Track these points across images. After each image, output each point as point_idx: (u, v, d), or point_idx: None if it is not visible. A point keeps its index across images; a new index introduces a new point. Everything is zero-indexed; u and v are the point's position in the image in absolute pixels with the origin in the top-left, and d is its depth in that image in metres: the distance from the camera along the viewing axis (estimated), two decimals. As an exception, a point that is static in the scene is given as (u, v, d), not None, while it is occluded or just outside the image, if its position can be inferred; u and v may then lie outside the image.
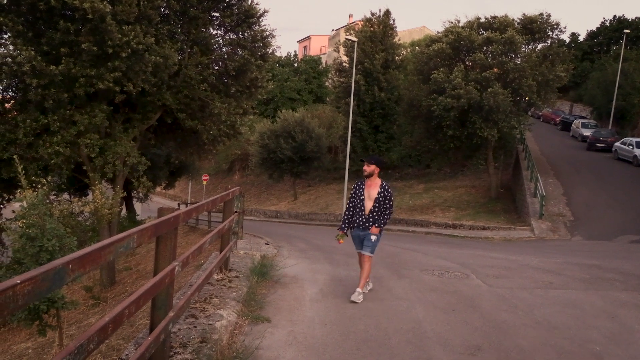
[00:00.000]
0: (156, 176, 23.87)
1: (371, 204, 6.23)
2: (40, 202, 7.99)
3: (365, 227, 6.26)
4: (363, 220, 6.26)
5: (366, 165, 6.29)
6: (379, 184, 6.30)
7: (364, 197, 6.28)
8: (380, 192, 6.23)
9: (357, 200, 6.34)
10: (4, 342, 11.76)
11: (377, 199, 6.22)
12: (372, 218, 6.24)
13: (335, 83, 28.79)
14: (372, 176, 6.27)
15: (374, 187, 6.29)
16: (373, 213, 6.23)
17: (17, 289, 1.65)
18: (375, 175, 6.29)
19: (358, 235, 6.38)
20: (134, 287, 13.35)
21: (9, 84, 14.13)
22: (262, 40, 16.26)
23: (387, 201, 6.26)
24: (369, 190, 6.29)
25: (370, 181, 6.31)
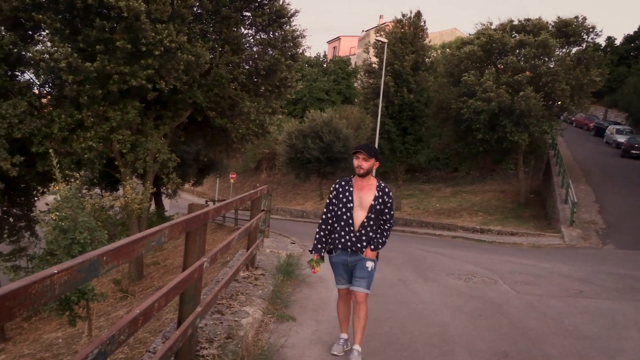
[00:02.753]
0: (185, 173, 24.17)
1: (364, 215, 4.22)
2: (74, 196, 8.18)
3: (355, 249, 4.24)
4: (352, 240, 4.23)
5: (363, 157, 4.21)
6: (374, 185, 4.27)
7: (352, 205, 4.24)
8: (378, 198, 4.22)
9: (341, 210, 4.28)
10: (35, 331, 12.08)
11: (372, 208, 4.21)
12: (366, 236, 4.23)
13: (364, 84, 28.65)
14: (367, 175, 4.28)
15: (367, 189, 4.26)
16: (367, 228, 4.22)
17: (54, 279, 1.69)
18: (371, 174, 4.34)
19: (344, 262, 4.31)
20: (161, 282, 13.56)
21: (46, 79, 14.52)
22: (292, 40, 16.32)
23: (388, 210, 4.28)
24: (359, 194, 4.25)
25: (362, 181, 4.28)
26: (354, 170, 4.27)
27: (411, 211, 26.40)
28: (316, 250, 4.35)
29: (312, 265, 4.34)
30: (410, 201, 28.37)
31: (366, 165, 4.19)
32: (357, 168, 4.22)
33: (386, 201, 4.25)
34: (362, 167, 4.20)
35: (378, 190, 4.24)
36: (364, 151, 4.17)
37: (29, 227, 17.75)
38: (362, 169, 4.21)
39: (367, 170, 4.23)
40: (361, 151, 4.18)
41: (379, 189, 4.25)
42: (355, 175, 4.31)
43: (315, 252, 4.35)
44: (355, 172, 4.28)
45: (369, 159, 4.19)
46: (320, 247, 4.36)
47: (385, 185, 4.31)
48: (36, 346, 10.28)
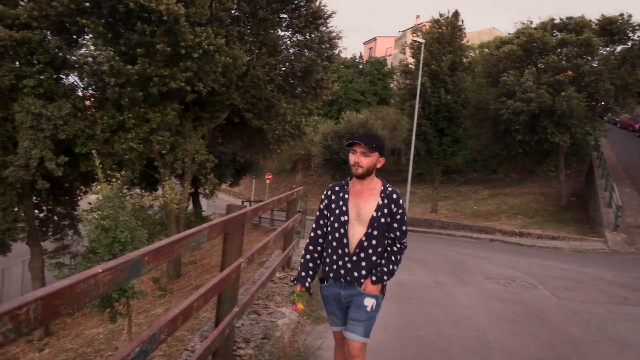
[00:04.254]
0: (222, 174, 24.49)
1: (363, 232, 2.98)
2: (115, 195, 8.38)
3: (351, 280, 3.02)
4: (347, 267, 3.02)
5: (362, 152, 2.98)
6: (378, 189, 3.05)
7: (347, 219, 3.02)
8: (382, 207, 2.99)
9: (333, 225, 3.08)
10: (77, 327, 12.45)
11: (374, 221, 2.97)
12: (365, 261, 3.00)
13: (401, 85, 28.42)
14: (368, 175, 3.03)
15: (367, 196, 3.03)
16: (368, 250, 3.00)
17: (98, 278, 1.73)
18: (374, 174, 3.08)
19: (336, 296, 3.11)
20: (198, 281, 13.77)
21: (89, 82, 14.94)
22: (328, 41, 16.36)
23: (397, 224, 3.02)
24: (357, 202, 3.04)
25: (361, 185, 3.07)
26: (350, 169, 3.04)
27: (448, 213, 26.05)
28: (299, 280, 3.11)
29: (293, 300, 3.04)
30: (447, 203, 28.00)
31: (366, 163, 2.95)
32: (353, 166, 2.98)
33: (394, 212, 2.98)
34: (361, 165, 2.95)
35: (383, 197, 2.98)
36: (363, 143, 2.93)
37: (72, 226, 18.30)
38: (361, 168, 2.96)
39: (368, 169, 2.98)
40: (358, 143, 2.93)
41: (384, 195, 2.99)
42: (352, 177, 3.09)
43: (298, 283, 3.09)
44: (351, 173, 3.05)
45: (369, 153, 2.95)
46: (305, 276, 3.11)
47: (394, 189, 3.05)
48: (78, 341, 10.59)
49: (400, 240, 3.05)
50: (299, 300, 3.05)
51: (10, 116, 14.13)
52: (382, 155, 3.07)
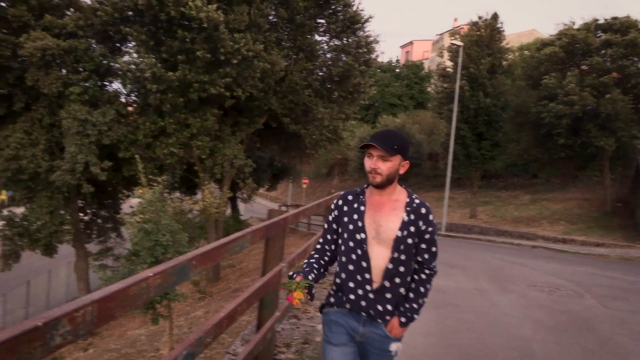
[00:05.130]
0: (260, 178, 24.71)
1: (387, 256, 2.36)
2: (157, 199, 8.57)
3: (375, 315, 2.40)
4: (370, 298, 2.40)
5: (379, 155, 2.35)
6: (402, 201, 2.43)
7: (365, 237, 2.39)
8: (408, 224, 2.38)
9: (347, 244, 2.44)
10: (120, 327, 12.74)
11: (400, 243, 2.36)
12: (392, 292, 2.40)
13: (438, 88, 28.10)
14: (389, 184, 2.41)
15: (389, 209, 2.42)
16: (395, 279, 2.39)
17: (149, 281, 1.77)
18: (396, 182, 2.45)
19: (351, 329, 2.45)
20: (236, 284, 13.91)
21: (132, 89, 15.35)
22: (366, 46, 16.33)
23: (427, 245, 2.42)
24: (376, 217, 2.41)
25: (380, 196, 2.45)
26: (367, 176, 2.41)
27: (487, 219, 25.57)
28: (301, 273, 2.38)
29: (289, 287, 2.27)
30: (486, 208, 27.50)
31: (385, 169, 2.32)
32: (370, 174, 2.36)
33: (422, 230, 2.36)
34: (379, 172, 2.33)
35: (408, 212, 2.36)
36: (380, 145, 2.29)
37: (115, 229, 18.80)
38: (379, 176, 2.33)
39: (388, 176, 2.35)
40: (374, 144, 2.30)
41: (410, 209, 2.37)
42: (369, 185, 2.46)
43: (299, 275, 2.35)
44: (368, 180, 2.42)
45: (389, 156, 2.32)
46: (308, 271, 2.42)
47: (421, 201, 2.42)
48: (121, 342, 10.84)
49: (430, 264, 2.41)
50: (297, 288, 2.25)
51: (57, 122, 14.65)
52: (405, 157, 2.40)
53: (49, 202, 15.36)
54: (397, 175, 2.42)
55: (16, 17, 14.54)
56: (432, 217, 2.44)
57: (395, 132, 2.46)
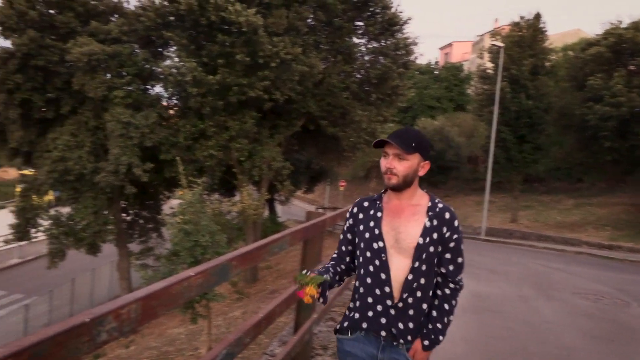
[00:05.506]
0: (297, 180, 24.81)
1: (407, 265, 2.10)
2: (197, 201, 8.71)
3: (396, 334, 2.12)
4: (391, 314, 2.12)
5: (395, 153, 2.12)
6: (423, 206, 2.18)
7: (383, 245, 2.13)
8: (430, 231, 2.12)
9: (364, 254, 2.18)
10: (160, 326, 13.00)
11: (421, 251, 2.09)
12: (414, 309, 2.14)
13: (478, 90, 27.63)
14: (407, 187, 2.16)
15: (409, 214, 2.16)
16: (417, 293, 2.12)
17: (191, 280, 1.80)
18: (416, 183, 2.21)
19: (368, 356, 2.17)
20: (274, 285, 14.00)
21: (173, 92, 15.68)
22: (404, 48, 16.20)
23: (451, 254, 2.15)
24: (394, 223, 2.16)
25: (399, 200, 2.20)
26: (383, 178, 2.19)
27: (529, 223, 24.97)
28: (318, 272, 2.16)
29: (300, 281, 2.03)
30: (528, 213, 26.86)
31: (402, 169, 2.11)
32: (385, 175, 2.15)
33: (446, 237, 2.12)
34: (395, 172, 2.11)
35: (430, 217, 2.13)
36: (396, 142, 2.08)
37: (156, 229, 19.21)
38: (395, 177, 2.12)
39: (405, 177, 2.12)
40: (391, 142, 2.08)
41: (433, 214, 2.14)
42: (387, 189, 2.24)
43: (313, 272, 2.11)
44: (385, 184, 2.20)
45: (406, 155, 2.10)
46: (323, 271, 2.19)
47: (445, 206, 2.19)
48: (161, 340, 11.06)
49: (455, 277, 2.15)
50: (311, 282, 2.01)
51: (102, 125, 15.09)
52: (426, 157, 2.17)
53: (94, 202, 15.83)
54: (416, 177, 2.18)
55: (64, 23, 15.07)
56: (458, 223, 2.17)
57: (413, 130, 2.23)
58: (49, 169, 15.10)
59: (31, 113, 15.51)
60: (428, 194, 2.24)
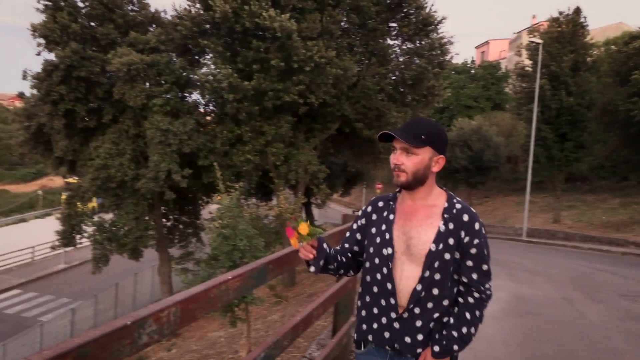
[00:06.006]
0: (333, 183, 24.84)
1: (417, 274, 1.90)
2: (234, 205, 8.80)
3: (402, 349, 1.95)
4: (395, 328, 1.94)
5: (402, 148, 1.92)
6: (439, 206, 1.96)
7: (392, 252, 1.94)
8: (445, 235, 1.89)
9: (371, 259, 2.01)
10: (201, 329, 13.18)
11: (434, 258, 1.88)
12: (423, 320, 1.92)
13: (517, 88, 27.10)
14: (418, 185, 1.95)
15: (422, 217, 1.95)
16: (427, 304, 1.91)
17: (229, 284, 1.82)
18: (432, 181, 2.00)
19: None
20: (312, 289, 14.02)
21: (210, 99, 15.94)
22: (439, 47, 16.01)
23: (474, 260, 1.92)
24: (406, 226, 1.96)
25: (413, 200, 2.00)
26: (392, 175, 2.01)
27: (572, 224, 24.29)
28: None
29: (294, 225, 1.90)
30: (571, 213, 26.13)
31: (411, 164, 1.91)
32: (394, 171, 1.96)
33: (466, 242, 1.89)
34: (403, 169, 1.92)
35: (446, 220, 1.91)
36: (401, 134, 1.90)
37: (195, 234, 19.53)
38: (403, 173, 1.92)
39: (415, 174, 1.92)
40: (391, 133, 1.90)
41: (449, 216, 1.91)
42: (401, 189, 2.03)
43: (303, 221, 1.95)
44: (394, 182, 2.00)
45: (415, 149, 1.90)
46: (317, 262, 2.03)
47: (465, 206, 1.95)
48: (202, 343, 11.21)
49: (479, 286, 1.91)
50: (310, 230, 1.89)
51: (142, 133, 15.46)
52: (440, 151, 1.94)
53: (135, 208, 16.22)
54: (429, 174, 1.94)
55: (104, 35, 15.53)
56: (480, 226, 1.92)
57: (425, 120, 1.99)
58: (92, 176, 15.54)
59: (75, 123, 15.99)
60: (447, 193, 2.00)
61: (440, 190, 2.01)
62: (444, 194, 1.99)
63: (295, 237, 1.89)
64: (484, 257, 1.92)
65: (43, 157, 18.66)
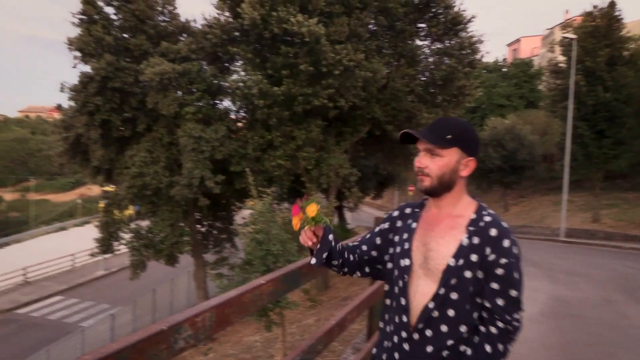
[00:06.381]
0: (365, 186, 24.77)
1: (431, 291, 1.70)
2: (267, 210, 8.86)
3: None
4: (404, 349, 1.74)
5: (426, 150, 1.74)
6: (466, 217, 1.73)
7: (409, 264, 1.76)
8: (468, 250, 1.66)
9: (392, 271, 1.86)
10: (236, 334, 13.30)
11: (451, 274, 1.66)
12: (435, 344, 1.69)
13: (550, 85, 26.52)
14: (445, 191, 1.74)
15: (445, 228, 1.73)
16: (440, 327, 1.69)
17: (262, 288, 1.83)
18: (460, 188, 1.77)
19: None
20: (345, 293, 13.99)
21: (241, 105, 16.11)
22: (469, 47, 15.82)
23: (501, 283, 1.64)
24: (427, 237, 1.76)
25: (438, 208, 1.79)
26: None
27: (612, 223, 23.59)
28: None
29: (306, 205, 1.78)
30: (611, 212, 25.39)
31: (436, 168, 1.72)
32: (417, 175, 1.78)
33: (491, 261, 1.65)
34: (426, 172, 1.74)
35: (471, 233, 1.69)
36: (424, 134, 1.73)
37: (229, 239, 19.74)
38: (428, 178, 1.74)
39: (440, 178, 1.72)
40: (410, 133, 1.76)
41: (475, 230, 1.69)
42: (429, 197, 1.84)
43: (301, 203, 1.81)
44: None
45: (439, 149, 1.71)
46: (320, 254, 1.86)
47: (494, 219, 1.70)
48: (238, 347, 11.31)
49: (504, 315, 1.64)
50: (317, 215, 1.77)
51: (175, 141, 15.73)
52: (470, 153, 1.74)
53: (170, 215, 16.50)
54: (457, 179, 1.73)
55: (137, 46, 15.89)
56: (510, 243, 1.64)
57: (452, 119, 1.81)
58: (128, 184, 15.88)
59: (110, 132, 16.38)
60: (477, 203, 1.77)
61: (470, 200, 1.79)
62: (474, 204, 1.77)
63: (300, 217, 1.76)
64: (513, 280, 1.64)
65: (81, 166, 19.17)
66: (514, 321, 1.65)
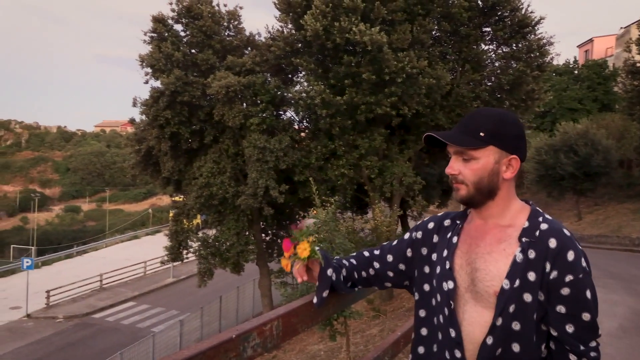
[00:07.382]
0: (429, 195, 24.33)
1: (487, 320, 1.35)
2: (330, 219, 8.86)
3: None
4: None
5: (457, 153, 1.43)
6: (517, 227, 1.38)
7: (454, 287, 1.41)
8: (524, 267, 1.31)
9: (429, 296, 1.50)
10: (300, 342, 13.37)
11: (509, 300, 1.30)
12: None
13: (627, 87, 25.22)
14: (487, 199, 1.41)
15: (492, 241, 1.39)
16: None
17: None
18: (507, 192, 1.43)
19: None
20: (410, 303, 13.76)
21: (304, 115, 16.31)
22: (538, 49, 15.28)
23: (569, 306, 1.30)
24: (471, 253, 1.42)
25: (482, 220, 1.45)
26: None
27: (699, 232, 21.98)
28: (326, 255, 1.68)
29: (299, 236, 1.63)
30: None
31: (470, 172, 1.41)
32: (452, 184, 1.49)
33: (553, 280, 1.31)
34: (460, 180, 1.44)
35: (524, 245, 1.35)
36: (449, 136, 1.44)
37: (294, 248, 19.88)
38: (463, 186, 1.43)
39: (478, 184, 1.41)
40: (433, 135, 1.46)
41: (529, 242, 1.35)
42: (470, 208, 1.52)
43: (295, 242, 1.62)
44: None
45: (472, 151, 1.40)
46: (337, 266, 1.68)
47: (554, 226, 1.37)
48: (302, 356, 11.35)
49: (577, 344, 1.32)
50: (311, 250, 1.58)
51: (240, 151, 16.10)
52: (512, 150, 1.41)
53: (236, 224, 16.86)
54: (500, 182, 1.42)
55: (204, 61, 16.43)
56: (576, 255, 1.31)
57: (484, 111, 1.47)
58: (196, 194, 16.37)
59: (179, 145, 16.97)
60: (530, 207, 1.45)
61: (522, 205, 1.45)
62: (526, 209, 1.44)
63: (291, 253, 1.56)
64: (584, 301, 1.32)
65: (152, 177, 19.94)
66: (590, 351, 1.32)
